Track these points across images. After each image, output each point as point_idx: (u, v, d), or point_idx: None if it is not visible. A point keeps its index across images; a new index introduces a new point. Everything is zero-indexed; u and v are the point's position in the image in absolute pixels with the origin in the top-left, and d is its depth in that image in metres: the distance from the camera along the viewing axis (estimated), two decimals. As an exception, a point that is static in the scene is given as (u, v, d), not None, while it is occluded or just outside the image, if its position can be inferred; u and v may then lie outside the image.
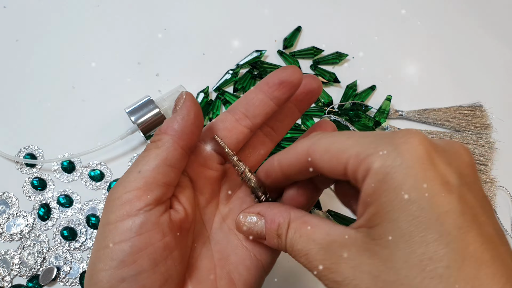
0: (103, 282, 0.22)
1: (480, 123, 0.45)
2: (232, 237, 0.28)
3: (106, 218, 0.23)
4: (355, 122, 0.45)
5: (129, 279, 0.22)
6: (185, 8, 0.51)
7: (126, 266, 0.22)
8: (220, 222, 0.28)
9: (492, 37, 0.51)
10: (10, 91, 0.46)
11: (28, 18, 0.49)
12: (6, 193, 0.41)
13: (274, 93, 0.27)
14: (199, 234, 0.27)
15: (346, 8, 0.52)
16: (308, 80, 0.28)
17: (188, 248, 0.26)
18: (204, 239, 0.27)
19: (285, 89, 0.27)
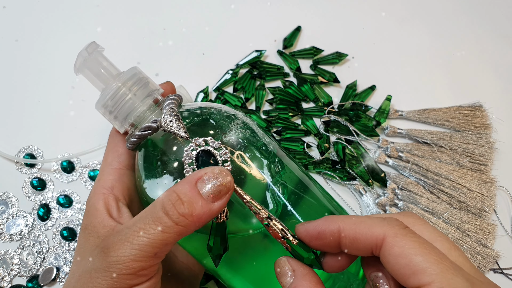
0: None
1: (480, 123, 0.45)
2: None
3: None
4: (355, 122, 0.45)
5: None
6: (185, 8, 0.51)
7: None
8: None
9: (492, 37, 0.51)
10: (10, 91, 0.46)
11: (28, 18, 0.49)
12: (6, 193, 0.41)
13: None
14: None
15: (346, 8, 0.52)
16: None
17: None
18: None
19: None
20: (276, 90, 0.46)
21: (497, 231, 0.41)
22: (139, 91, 0.27)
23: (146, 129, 0.26)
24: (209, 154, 0.25)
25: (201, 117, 0.27)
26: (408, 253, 0.21)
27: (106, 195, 0.27)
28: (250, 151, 0.27)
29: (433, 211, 0.41)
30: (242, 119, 0.29)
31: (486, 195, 0.42)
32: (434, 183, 0.42)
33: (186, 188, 0.23)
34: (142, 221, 0.23)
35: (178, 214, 0.23)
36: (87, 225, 0.26)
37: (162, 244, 0.23)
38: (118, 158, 0.29)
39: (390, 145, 0.44)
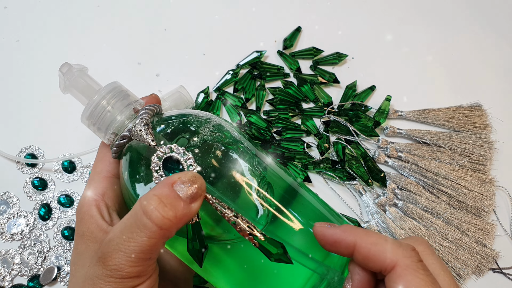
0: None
1: (479, 123, 0.45)
2: None
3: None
4: (354, 122, 0.45)
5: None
6: (185, 8, 0.51)
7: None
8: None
9: (492, 37, 0.52)
10: (11, 91, 0.46)
11: (29, 18, 0.50)
12: (7, 193, 0.41)
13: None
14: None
15: (346, 8, 0.52)
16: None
17: None
18: None
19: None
20: (276, 90, 0.46)
21: (496, 231, 0.41)
22: (118, 102, 0.29)
23: (122, 138, 0.28)
24: (175, 161, 0.26)
25: (174, 124, 0.29)
26: (416, 286, 0.22)
27: (98, 201, 0.28)
28: (221, 152, 0.28)
29: (433, 211, 0.41)
30: (214, 123, 0.30)
31: (485, 195, 0.42)
32: (434, 183, 0.42)
33: (166, 191, 0.24)
34: (128, 230, 0.24)
35: (162, 217, 0.23)
36: (84, 232, 0.27)
37: (151, 249, 0.24)
38: (107, 167, 0.30)
39: (390, 145, 0.44)
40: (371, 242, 0.24)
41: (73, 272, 0.27)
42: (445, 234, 0.40)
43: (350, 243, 0.24)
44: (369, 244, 0.24)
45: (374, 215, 0.41)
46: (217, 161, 0.28)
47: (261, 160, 0.30)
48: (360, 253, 0.24)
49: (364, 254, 0.24)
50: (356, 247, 0.24)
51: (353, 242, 0.24)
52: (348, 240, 0.24)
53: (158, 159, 0.26)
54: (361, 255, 0.24)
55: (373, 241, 0.24)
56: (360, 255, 0.24)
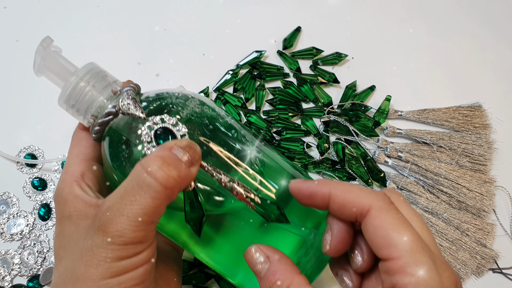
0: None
1: (479, 123, 0.45)
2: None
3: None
4: (354, 122, 0.45)
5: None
6: (185, 8, 0.51)
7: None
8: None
9: (491, 37, 0.52)
10: (11, 91, 0.46)
11: (29, 18, 0.50)
12: (7, 193, 0.41)
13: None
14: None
15: (346, 8, 0.52)
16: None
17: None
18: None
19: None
20: (276, 90, 0.46)
21: (496, 231, 0.41)
22: (97, 83, 0.28)
23: (107, 115, 0.27)
24: (167, 131, 0.26)
25: (159, 100, 0.29)
26: (386, 227, 0.23)
27: (78, 182, 0.28)
28: (209, 123, 0.29)
29: (433, 211, 0.41)
30: (199, 99, 0.30)
31: (485, 195, 0.42)
32: (434, 183, 0.42)
33: (167, 152, 0.24)
34: (130, 193, 0.23)
35: (167, 176, 0.23)
36: (72, 212, 0.26)
37: (155, 211, 0.24)
38: (83, 151, 0.29)
39: (390, 145, 0.44)
40: (345, 190, 0.25)
41: (61, 255, 0.26)
42: (445, 234, 0.40)
43: (325, 193, 0.25)
44: (343, 192, 0.25)
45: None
46: (208, 132, 0.28)
47: (246, 133, 0.31)
48: (335, 202, 0.25)
49: (339, 202, 0.25)
50: (331, 197, 0.25)
51: (328, 192, 0.25)
52: (323, 191, 0.25)
53: (149, 130, 0.26)
54: (336, 204, 0.25)
55: (347, 189, 0.25)
56: (335, 204, 0.25)
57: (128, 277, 0.24)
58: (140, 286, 0.24)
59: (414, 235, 0.23)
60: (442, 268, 0.23)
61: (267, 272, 0.25)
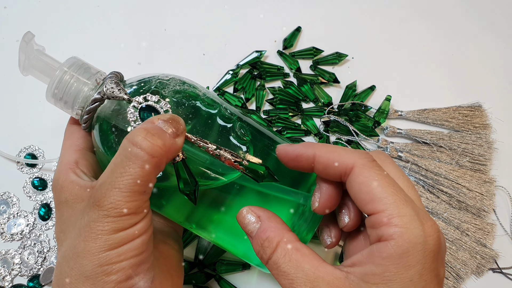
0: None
1: (479, 123, 0.45)
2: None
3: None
4: (354, 122, 0.45)
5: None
6: (185, 8, 0.51)
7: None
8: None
9: (492, 37, 0.52)
10: (11, 91, 0.46)
11: (29, 18, 0.50)
12: (7, 193, 0.41)
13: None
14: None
15: (346, 8, 0.52)
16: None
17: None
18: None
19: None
20: (276, 90, 0.46)
21: (496, 231, 0.41)
22: (81, 75, 0.30)
23: (93, 102, 0.29)
24: (150, 108, 0.28)
25: (141, 83, 0.30)
26: (370, 183, 0.24)
27: (73, 169, 0.29)
28: (191, 99, 0.30)
29: (433, 210, 0.41)
30: (179, 79, 0.31)
31: (485, 195, 0.42)
32: (434, 183, 0.42)
33: (150, 124, 0.25)
34: (119, 166, 0.24)
35: (152, 145, 0.24)
36: (68, 197, 0.27)
37: (145, 180, 0.24)
38: (75, 142, 0.30)
39: (390, 145, 0.44)
40: (329, 150, 0.26)
41: (62, 238, 0.27)
42: (445, 234, 0.40)
43: (310, 155, 0.26)
44: (327, 153, 0.26)
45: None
46: (191, 108, 0.29)
47: (229, 106, 0.32)
48: (320, 162, 0.26)
49: (323, 162, 0.26)
50: (316, 158, 0.26)
51: (312, 153, 0.26)
52: (308, 152, 0.26)
53: (134, 109, 0.27)
54: (321, 165, 0.26)
55: (331, 150, 0.26)
56: (320, 164, 0.26)
57: (127, 248, 0.24)
58: (139, 257, 0.25)
59: (397, 189, 0.24)
60: (425, 218, 0.24)
61: (258, 231, 0.26)
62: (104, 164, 0.29)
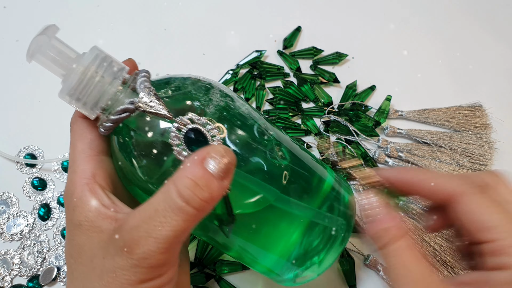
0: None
1: (479, 123, 0.45)
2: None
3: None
4: (355, 122, 0.45)
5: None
6: (185, 8, 0.51)
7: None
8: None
9: (492, 37, 0.51)
10: (10, 91, 0.46)
11: (28, 18, 0.49)
12: (6, 193, 0.41)
13: None
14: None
15: (346, 8, 0.52)
16: None
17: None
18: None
19: None
20: (276, 90, 0.46)
21: (496, 231, 0.41)
22: (106, 72, 0.25)
23: (123, 112, 0.24)
24: (197, 133, 0.24)
25: (177, 91, 0.26)
26: (481, 211, 0.24)
27: (90, 185, 0.25)
28: (236, 118, 0.27)
29: (433, 211, 0.41)
30: (219, 89, 0.28)
31: (485, 195, 0.42)
32: (434, 183, 0.42)
33: (199, 171, 0.22)
34: (160, 214, 0.22)
35: (199, 200, 0.22)
36: (82, 222, 0.24)
37: (186, 232, 0.23)
38: (89, 145, 0.27)
39: (390, 145, 0.44)
40: (434, 176, 0.26)
41: (72, 266, 0.25)
42: (446, 235, 0.40)
43: (420, 179, 0.27)
44: (433, 178, 0.26)
45: (374, 215, 0.41)
46: (237, 128, 0.26)
47: (266, 123, 0.30)
48: (423, 188, 0.26)
49: (427, 188, 0.26)
50: (420, 183, 0.27)
51: (421, 179, 0.27)
52: (418, 177, 0.27)
53: (178, 132, 0.24)
54: (426, 191, 0.26)
55: (436, 175, 0.26)
56: (425, 189, 0.26)
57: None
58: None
59: (510, 216, 0.24)
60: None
61: (380, 216, 0.26)
62: (125, 175, 0.27)
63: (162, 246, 0.22)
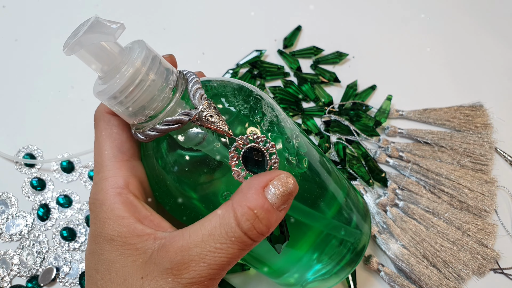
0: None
1: (480, 123, 0.45)
2: None
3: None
4: (355, 122, 0.45)
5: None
6: (185, 8, 0.51)
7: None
8: None
9: (492, 37, 0.51)
10: (9, 91, 0.46)
11: (27, 17, 0.49)
12: (5, 193, 0.41)
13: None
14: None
15: (346, 8, 0.52)
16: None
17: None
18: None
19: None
20: (277, 89, 0.46)
21: (497, 231, 0.41)
22: (156, 75, 0.22)
23: (174, 123, 0.22)
24: (256, 151, 0.23)
25: (231, 104, 0.24)
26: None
27: (124, 195, 0.23)
28: (286, 135, 0.26)
29: (434, 211, 0.41)
30: (268, 101, 0.26)
31: (486, 195, 0.42)
32: (435, 183, 0.42)
33: (259, 201, 0.21)
34: (217, 240, 0.21)
35: (257, 233, 0.22)
36: (114, 237, 0.22)
37: (238, 259, 0.22)
38: (120, 148, 0.24)
39: (391, 145, 0.43)
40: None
41: (98, 282, 0.23)
42: (446, 235, 0.40)
43: None
44: None
45: (375, 216, 0.41)
46: (289, 147, 0.25)
47: (304, 138, 0.29)
48: None
49: None
50: None
51: None
52: None
53: (237, 152, 0.23)
54: None
55: None
56: None
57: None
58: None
59: None
60: None
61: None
62: (162, 186, 0.25)
63: (213, 272, 0.21)
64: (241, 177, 0.23)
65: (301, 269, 0.29)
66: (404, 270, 0.38)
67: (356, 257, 0.30)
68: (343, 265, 0.30)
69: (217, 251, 0.21)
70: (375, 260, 0.38)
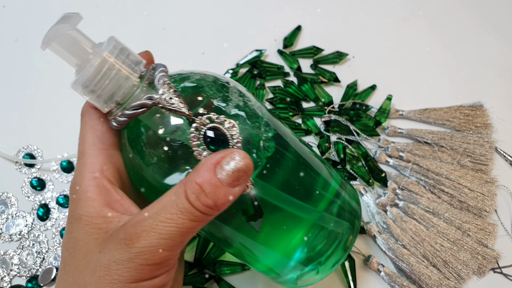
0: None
1: (481, 123, 0.45)
2: None
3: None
4: (355, 121, 0.45)
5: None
6: (185, 8, 0.51)
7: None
8: None
9: (492, 36, 0.51)
10: (9, 91, 0.46)
11: (27, 17, 0.49)
12: (5, 193, 0.41)
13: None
14: None
15: (347, 8, 0.52)
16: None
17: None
18: None
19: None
20: (277, 89, 0.46)
21: (498, 231, 0.41)
22: (124, 65, 0.24)
23: (139, 107, 0.24)
24: (216, 131, 0.24)
25: (194, 88, 0.26)
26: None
27: (98, 179, 0.25)
28: (255, 119, 0.26)
29: (434, 211, 0.41)
30: (237, 88, 0.28)
31: (487, 195, 0.42)
32: (435, 183, 0.42)
33: (206, 176, 0.22)
34: (167, 211, 0.22)
35: (202, 206, 0.22)
36: (82, 216, 0.24)
37: (191, 232, 0.23)
38: (100, 138, 0.26)
39: (391, 145, 0.43)
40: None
41: (66, 259, 0.24)
42: (446, 235, 0.40)
43: None
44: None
45: (375, 216, 0.41)
46: (257, 129, 0.26)
47: (278, 122, 0.30)
48: None
49: None
50: None
51: None
52: None
53: (197, 132, 0.24)
54: None
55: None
56: None
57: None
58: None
59: None
60: None
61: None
62: (135, 171, 0.26)
63: (163, 242, 0.22)
64: (203, 156, 0.24)
65: (294, 261, 0.30)
66: (404, 270, 0.38)
67: (345, 248, 0.30)
68: (332, 255, 0.30)
69: (167, 221, 0.22)
70: (375, 260, 0.38)
